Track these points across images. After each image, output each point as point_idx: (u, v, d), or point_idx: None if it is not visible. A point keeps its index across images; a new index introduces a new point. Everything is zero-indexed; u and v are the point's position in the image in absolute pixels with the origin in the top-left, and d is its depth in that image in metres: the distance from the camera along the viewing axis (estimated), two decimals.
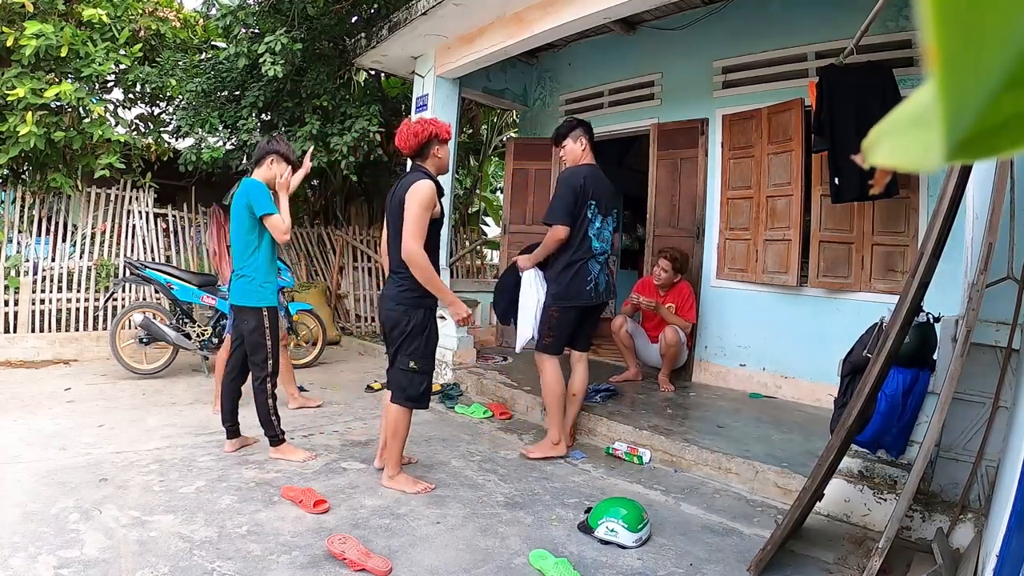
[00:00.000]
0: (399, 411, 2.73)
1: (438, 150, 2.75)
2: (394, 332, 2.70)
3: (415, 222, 2.57)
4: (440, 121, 2.78)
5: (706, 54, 4.88)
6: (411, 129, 2.73)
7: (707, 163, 4.86)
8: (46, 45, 4.76)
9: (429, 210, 2.61)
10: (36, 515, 2.32)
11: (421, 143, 2.72)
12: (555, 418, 3.29)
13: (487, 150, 8.64)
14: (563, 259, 3.23)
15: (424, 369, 2.72)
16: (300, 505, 2.52)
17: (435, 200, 2.64)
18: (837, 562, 2.30)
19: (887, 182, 0.38)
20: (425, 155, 2.74)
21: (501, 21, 4.58)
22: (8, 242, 5.38)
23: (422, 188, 2.60)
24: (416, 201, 2.58)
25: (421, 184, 2.61)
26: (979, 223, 2.34)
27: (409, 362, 2.68)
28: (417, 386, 2.72)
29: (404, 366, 2.69)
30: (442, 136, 2.74)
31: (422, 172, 2.70)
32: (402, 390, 2.72)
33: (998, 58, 0.21)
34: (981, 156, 0.24)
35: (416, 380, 2.71)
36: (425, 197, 2.59)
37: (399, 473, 2.79)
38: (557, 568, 2.09)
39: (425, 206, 2.59)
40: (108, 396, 4.15)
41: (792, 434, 3.46)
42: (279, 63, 5.03)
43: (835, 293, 4.12)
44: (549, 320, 3.26)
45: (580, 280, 3.22)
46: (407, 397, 2.71)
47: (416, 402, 2.74)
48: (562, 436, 3.32)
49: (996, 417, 2.35)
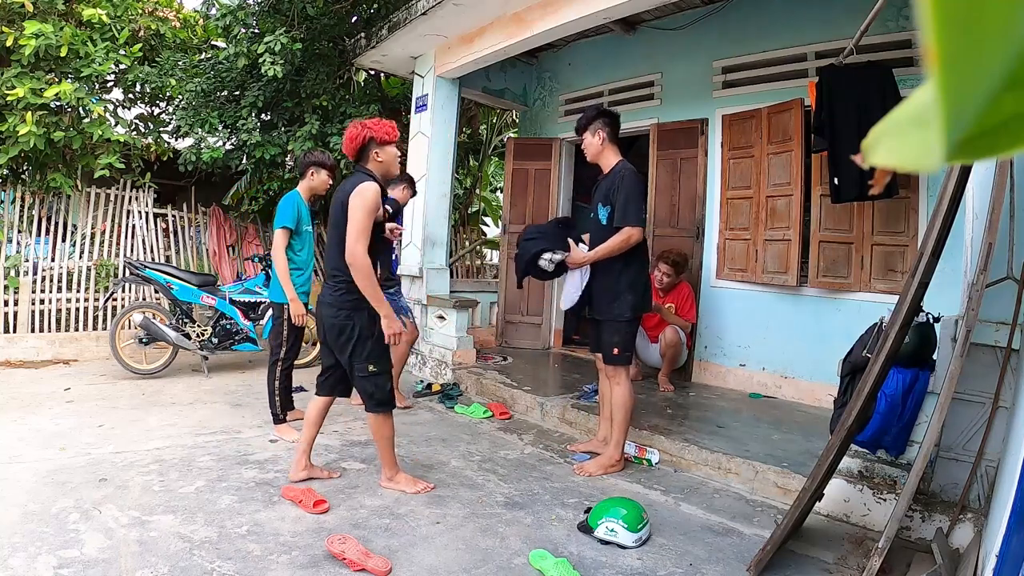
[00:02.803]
0: (376, 418, 2.69)
1: (378, 152, 2.65)
2: (340, 339, 2.61)
3: (359, 225, 2.49)
4: (382, 122, 2.68)
5: (706, 54, 4.88)
6: (348, 133, 2.66)
7: (707, 163, 4.86)
8: (46, 45, 4.76)
9: (373, 213, 2.53)
10: (36, 515, 2.32)
11: (358, 147, 2.64)
12: (621, 435, 3.10)
13: (487, 150, 8.64)
14: (637, 265, 3.07)
15: (382, 369, 2.67)
16: (300, 505, 2.52)
17: (379, 203, 2.56)
18: (837, 562, 2.30)
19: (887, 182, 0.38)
20: (365, 158, 2.66)
21: (501, 21, 4.58)
22: (8, 242, 5.37)
23: (366, 190, 2.52)
24: (360, 203, 2.50)
25: (366, 186, 2.53)
26: (979, 223, 2.34)
27: (367, 366, 2.62)
28: (382, 388, 2.67)
29: (363, 372, 2.63)
30: (380, 138, 2.63)
31: (365, 174, 2.61)
32: (370, 396, 2.66)
33: (998, 58, 0.21)
34: (981, 156, 0.24)
35: (380, 382, 2.66)
36: (369, 199, 2.51)
37: (397, 473, 2.78)
38: (557, 568, 2.09)
39: (369, 208, 2.51)
40: (108, 396, 4.15)
41: (792, 434, 3.46)
42: (279, 63, 5.03)
43: (835, 293, 4.12)
44: (626, 332, 3.07)
45: (649, 288, 3.16)
46: (377, 403, 2.66)
47: (386, 405, 2.69)
48: (622, 452, 3.16)
49: (996, 417, 2.35)
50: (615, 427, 3.12)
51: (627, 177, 3.00)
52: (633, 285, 3.05)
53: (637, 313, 3.09)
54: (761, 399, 4.34)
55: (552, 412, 4.00)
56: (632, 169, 3.05)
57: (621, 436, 3.11)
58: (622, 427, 3.09)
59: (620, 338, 3.06)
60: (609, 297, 3.07)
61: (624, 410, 3.07)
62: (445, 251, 5.60)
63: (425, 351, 5.22)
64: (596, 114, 3.10)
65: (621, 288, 3.04)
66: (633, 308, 3.05)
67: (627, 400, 3.07)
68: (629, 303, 3.04)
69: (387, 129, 2.65)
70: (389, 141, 2.66)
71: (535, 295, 6.05)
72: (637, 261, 3.07)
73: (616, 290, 3.05)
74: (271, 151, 5.77)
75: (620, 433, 3.10)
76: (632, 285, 3.04)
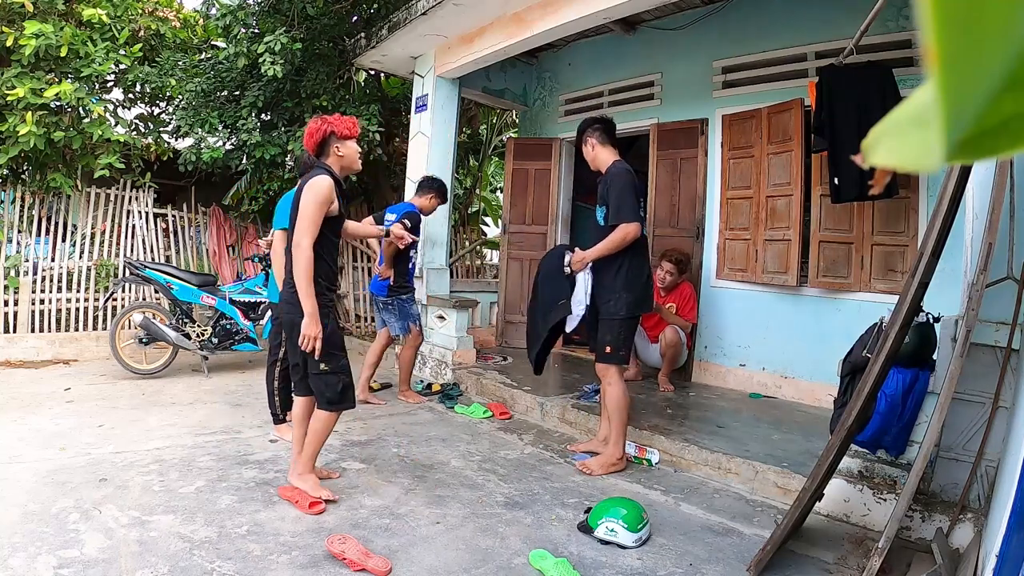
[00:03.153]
0: (322, 415, 2.65)
1: (338, 147, 2.65)
2: (294, 335, 2.57)
3: (307, 218, 2.48)
4: (343, 117, 2.68)
5: (706, 54, 4.88)
6: (309, 127, 2.66)
7: (707, 163, 4.86)
8: (46, 45, 4.76)
9: (324, 206, 2.51)
10: (36, 515, 2.32)
11: (318, 141, 2.63)
12: (620, 433, 3.10)
13: (487, 150, 8.63)
14: (635, 263, 3.05)
15: (335, 368, 2.61)
16: (296, 505, 2.52)
17: (332, 197, 2.54)
18: (837, 562, 2.30)
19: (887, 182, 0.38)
20: (326, 152, 2.66)
21: (501, 21, 4.58)
22: (8, 242, 5.37)
23: (318, 183, 2.51)
24: (311, 196, 2.49)
25: (318, 179, 2.53)
26: (979, 223, 2.34)
27: (319, 365, 2.57)
28: (334, 387, 2.61)
29: (316, 369, 2.59)
30: (341, 133, 2.63)
31: (322, 169, 2.61)
32: (321, 394, 2.62)
33: (998, 58, 0.21)
34: (981, 156, 0.24)
35: (331, 381, 2.60)
36: (321, 192, 2.50)
37: (310, 474, 2.68)
38: (557, 568, 2.09)
39: (320, 202, 2.49)
40: (108, 396, 4.15)
41: (792, 434, 3.46)
42: (279, 63, 5.03)
43: (835, 293, 4.12)
44: (621, 330, 3.04)
45: (650, 286, 3.11)
46: (328, 401, 2.61)
47: (337, 404, 2.63)
48: (624, 451, 3.16)
49: (996, 417, 2.35)
50: (612, 427, 3.13)
51: (616, 176, 3.04)
52: (630, 284, 3.03)
53: (634, 312, 3.07)
54: (761, 399, 4.34)
55: (552, 412, 4.00)
56: (622, 168, 3.07)
57: (619, 435, 3.11)
58: (618, 426, 3.10)
59: (613, 336, 3.05)
60: (606, 295, 3.08)
61: (618, 410, 3.06)
62: (445, 251, 5.60)
63: (425, 351, 5.22)
64: (583, 127, 3.22)
65: (618, 286, 3.04)
66: (629, 307, 3.03)
67: (619, 399, 3.06)
68: (625, 301, 3.02)
69: (348, 124, 2.65)
70: (349, 136, 2.66)
71: None
72: (636, 259, 3.06)
73: (613, 287, 3.05)
74: (271, 151, 5.77)
75: (617, 433, 3.10)
76: (629, 284, 3.03)
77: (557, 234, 6.02)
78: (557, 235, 6.02)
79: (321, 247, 2.54)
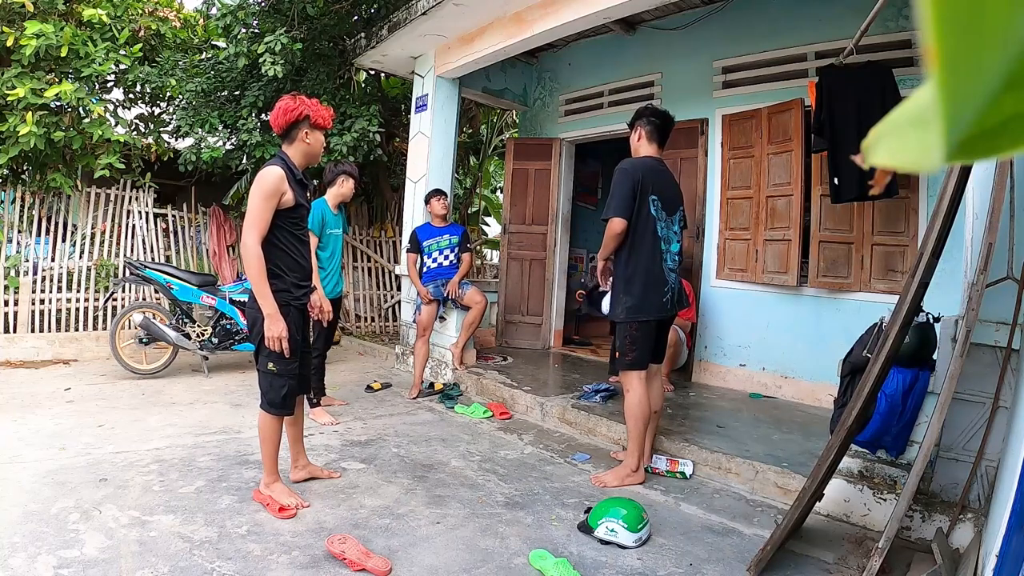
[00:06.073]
0: (263, 417, 2.57)
1: (307, 134, 2.52)
2: (252, 333, 2.52)
3: (251, 212, 2.39)
4: (321, 105, 2.57)
5: (706, 54, 4.88)
6: (282, 105, 2.49)
7: (707, 163, 4.86)
8: (46, 45, 4.76)
9: (270, 199, 2.40)
10: (36, 515, 2.32)
11: (290, 122, 2.49)
12: (636, 442, 2.94)
13: (487, 150, 8.64)
14: (633, 264, 2.89)
15: (282, 371, 2.51)
16: (267, 508, 2.47)
17: (280, 187, 2.42)
18: (837, 562, 2.30)
19: (887, 182, 0.38)
20: (292, 137, 2.52)
21: (501, 21, 4.58)
22: (8, 242, 5.38)
23: (263, 175, 2.40)
24: (255, 189, 2.40)
25: (264, 171, 2.42)
26: (979, 223, 2.34)
27: (267, 363, 2.51)
28: (277, 390, 2.53)
29: (263, 367, 2.53)
30: (315, 120, 2.51)
31: (278, 158, 2.50)
32: (263, 394, 2.56)
33: (998, 58, 0.21)
34: (981, 156, 0.24)
35: (276, 383, 2.52)
36: (267, 184, 2.39)
37: (275, 482, 2.59)
38: (557, 568, 2.09)
39: (266, 194, 2.39)
40: (108, 396, 4.15)
41: (792, 434, 3.46)
42: (279, 63, 5.03)
43: (835, 293, 4.12)
44: (630, 335, 2.91)
45: (656, 290, 2.90)
46: (268, 402, 2.55)
47: (275, 407, 2.55)
48: (640, 462, 2.99)
49: (996, 417, 2.36)
50: (628, 437, 3.00)
51: (616, 172, 2.97)
52: (628, 287, 2.90)
53: (633, 317, 2.89)
54: (761, 399, 4.34)
55: (552, 412, 4.00)
56: (624, 164, 2.96)
57: (635, 446, 2.95)
58: (634, 436, 2.94)
59: (620, 341, 2.96)
60: (611, 298, 3.04)
61: (632, 418, 2.92)
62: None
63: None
64: (641, 112, 3.06)
65: (617, 289, 2.96)
66: (628, 311, 2.89)
67: (632, 407, 2.92)
68: (624, 305, 2.91)
69: (324, 114, 2.55)
70: (322, 126, 2.56)
71: (535, 295, 6.05)
72: (633, 261, 2.90)
73: (615, 290, 2.99)
74: (271, 151, 5.77)
75: (634, 443, 2.95)
76: (627, 287, 2.91)
77: (557, 234, 6.03)
78: (557, 235, 6.03)
79: (281, 240, 2.48)
